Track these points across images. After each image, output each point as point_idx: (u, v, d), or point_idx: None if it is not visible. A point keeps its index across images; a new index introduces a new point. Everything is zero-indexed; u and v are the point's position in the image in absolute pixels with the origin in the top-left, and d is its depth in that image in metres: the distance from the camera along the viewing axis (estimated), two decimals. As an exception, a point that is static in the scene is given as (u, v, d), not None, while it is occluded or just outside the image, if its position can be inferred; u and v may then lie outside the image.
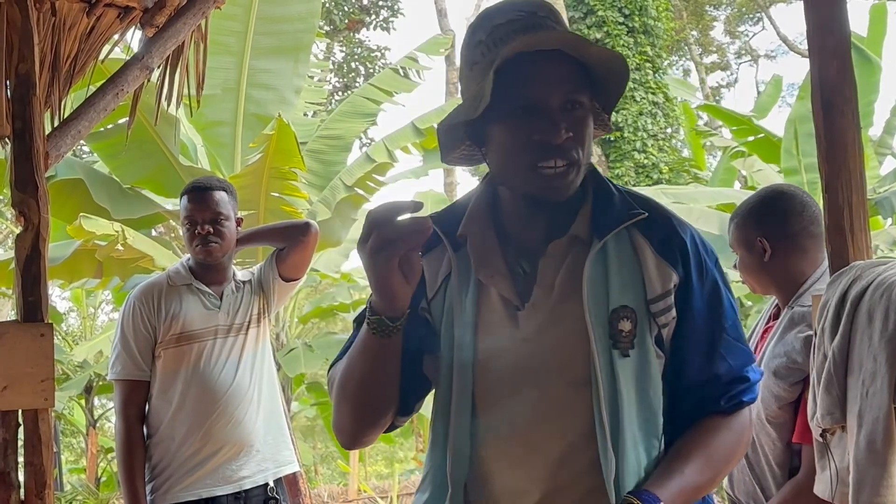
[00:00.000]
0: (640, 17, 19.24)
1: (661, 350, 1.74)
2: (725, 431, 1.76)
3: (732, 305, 1.79)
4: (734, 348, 1.77)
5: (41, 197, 3.31)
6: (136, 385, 3.67)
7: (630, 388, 1.69)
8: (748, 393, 1.78)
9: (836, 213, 2.71)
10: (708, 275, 1.76)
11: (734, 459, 1.80)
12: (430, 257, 1.84)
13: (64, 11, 3.80)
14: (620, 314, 1.70)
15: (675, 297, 1.73)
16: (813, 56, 2.82)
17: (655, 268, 1.73)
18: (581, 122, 1.71)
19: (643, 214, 1.76)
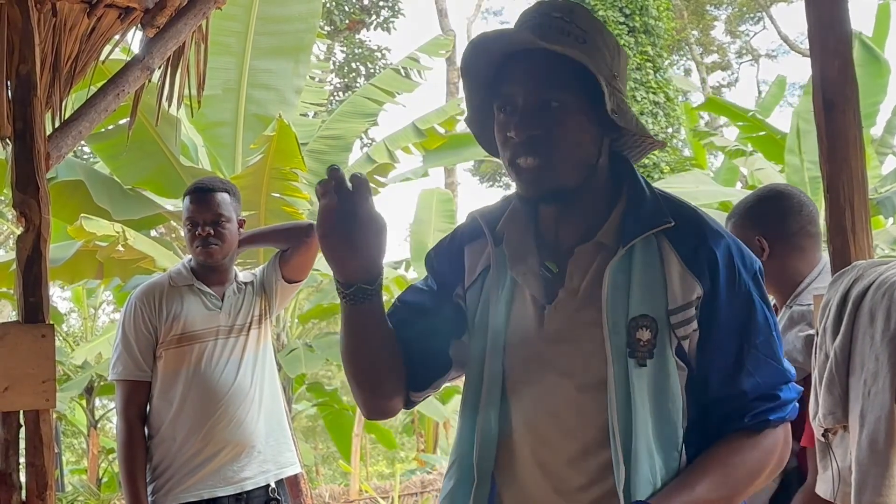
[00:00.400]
0: (640, 17, 19.24)
1: (683, 362, 1.71)
2: (748, 450, 1.71)
3: (768, 320, 1.73)
4: (763, 365, 1.72)
5: (42, 198, 3.31)
6: (137, 385, 3.67)
7: (645, 398, 1.67)
8: (777, 412, 1.72)
9: (837, 213, 2.71)
10: (740, 288, 1.71)
11: (756, 479, 1.74)
12: (472, 248, 1.87)
13: (65, 12, 3.80)
14: (640, 323, 1.68)
15: (699, 309, 1.69)
16: (814, 55, 2.82)
17: (679, 278, 1.70)
18: (554, 121, 1.69)
19: (670, 223, 1.72)
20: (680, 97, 18.69)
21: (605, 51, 1.72)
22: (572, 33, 1.70)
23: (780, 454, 1.76)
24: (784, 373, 1.74)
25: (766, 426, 1.72)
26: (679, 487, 1.66)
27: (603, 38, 1.73)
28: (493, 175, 28.03)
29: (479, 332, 1.83)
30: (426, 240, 13.42)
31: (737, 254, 1.73)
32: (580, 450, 1.72)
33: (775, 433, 1.73)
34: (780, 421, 1.73)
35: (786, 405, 1.73)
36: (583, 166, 1.73)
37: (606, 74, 1.69)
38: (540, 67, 1.70)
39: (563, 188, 1.72)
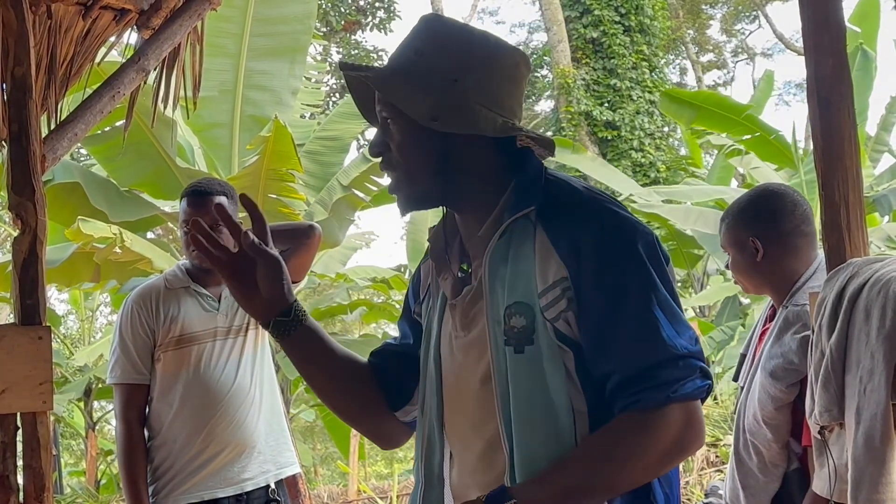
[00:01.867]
0: (636, 16, 19.27)
1: (565, 344, 1.68)
2: (622, 433, 1.65)
3: (645, 300, 1.65)
4: (634, 345, 1.64)
5: (38, 200, 3.31)
6: (135, 388, 3.66)
7: (526, 385, 1.67)
8: (654, 392, 1.62)
9: (832, 211, 2.71)
10: (609, 268, 1.66)
11: (639, 464, 1.65)
12: (425, 264, 1.97)
13: (60, 14, 3.79)
14: (513, 310, 1.69)
15: (569, 289, 1.67)
16: (809, 54, 2.83)
17: (546, 260, 1.69)
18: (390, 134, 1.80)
19: (532, 207, 1.72)
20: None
21: (441, 58, 1.76)
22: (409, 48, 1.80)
23: (676, 438, 1.65)
24: (666, 349, 1.64)
25: (641, 407, 1.63)
26: (542, 474, 1.65)
27: (442, 44, 1.78)
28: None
29: (425, 340, 1.92)
30: (422, 240, 13.42)
31: (610, 230, 1.69)
32: (485, 444, 1.75)
33: (661, 414, 1.63)
34: (662, 401, 1.62)
35: (669, 384, 1.63)
36: (427, 171, 1.78)
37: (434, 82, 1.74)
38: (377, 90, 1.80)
39: (420, 196, 1.81)
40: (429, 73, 1.75)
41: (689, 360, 1.65)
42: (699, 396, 1.67)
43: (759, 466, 2.78)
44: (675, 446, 1.66)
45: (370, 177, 9.95)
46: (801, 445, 2.71)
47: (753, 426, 2.77)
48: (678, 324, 1.67)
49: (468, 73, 1.75)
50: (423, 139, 1.76)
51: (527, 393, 1.67)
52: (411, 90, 1.74)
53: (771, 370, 2.71)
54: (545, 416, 1.66)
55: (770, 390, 2.70)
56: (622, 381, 1.64)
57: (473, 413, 1.77)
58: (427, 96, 1.73)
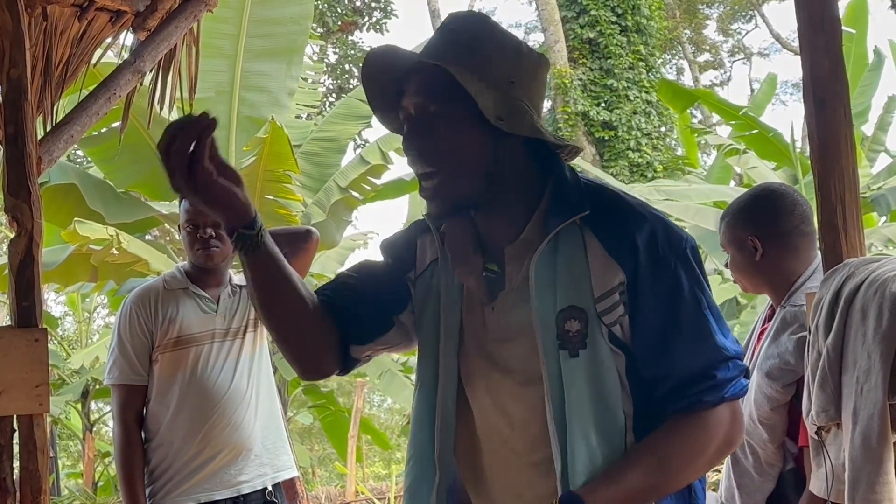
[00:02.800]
0: (632, 16, 19.27)
1: (618, 347, 1.71)
2: (683, 433, 1.71)
3: (698, 301, 1.72)
4: (692, 346, 1.70)
5: (34, 202, 3.31)
6: (133, 390, 3.66)
7: (581, 388, 1.69)
8: (712, 392, 1.70)
9: (829, 211, 2.71)
10: (665, 271, 1.71)
11: (698, 462, 1.72)
12: (423, 240, 1.93)
13: (55, 16, 3.79)
14: (568, 314, 1.70)
15: (624, 294, 1.70)
16: (804, 54, 2.83)
17: (602, 265, 1.71)
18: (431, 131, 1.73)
19: (586, 211, 1.73)
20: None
21: (498, 57, 1.73)
22: (461, 44, 1.74)
23: (726, 435, 1.73)
24: (719, 351, 1.71)
25: (700, 407, 1.70)
26: (607, 476, 1.67)
27: (498, 44, 1.75)
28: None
29: (428, 324, 1.88)
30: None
31: (661, 235, 1.72)
32: (528, 444, 1.76)
33: (715, 414, 1.71)
34: (717, 401, 1.70)
35: (723, 384, 1.70)
36: (477, 174, 1.74)
37: (494, 81, 1.71)
38: (424, 80, 1.74)
39: (464, 201, 1.77)
40: (489, 70, 1.72)
41: (737, 360, 1.73)
42: (743, 395, 1.76)
43: (754, 466, 2.78)
44: (724, 443, 1.74)
45: (367, 178, 9.96)
46: (796, 445, 2.71)
47: (749, 426, 2.77)
48: (723, 325, 1.74)
49: (522, 77, 1.75)
50: (478, 138, 1.73)
51: (583, 396, 1.69)
52: (479, 84, 1.70)
53: (767, 370, 2.71)
54: (602, 419, 1.69)
55: (766, 390, 2.70)
56: (681, 382, 1.70)
57: (515, 414, 1.78)
58: (490, 93, 1.70)
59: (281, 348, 1.85)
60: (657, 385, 1.71)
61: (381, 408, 26.18)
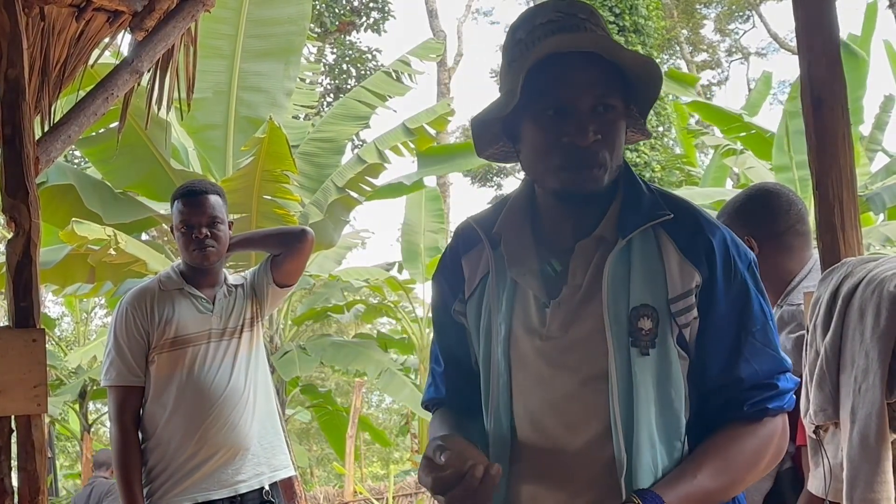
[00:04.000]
0: (630, 16, 19.27)
1: (684, 351, 1.73)
2: (748, 438, 1.73)
3: (764, 310, 1.75)
4: (760, 353, 1.74)
5: (32, 202, 3.31)
6: (130, 391, 3.65)
7: (649, 388, 1.69)
8: (775, 400, 1.73)
9: (826, 210, 2.71)
10: (736, 277, 1.73)
11: (756, 468, 1.75)
12: (468, 257, 1.91)
13: (53, 16, 3.79)
14: (641, 312, 1.70)
15: (697, 297, 1.72)
16: (802, 53, 2.83)
17: (678, 267, 1.72)
18: (611, 125, 1.72)
19: (669, 215, 1.74)
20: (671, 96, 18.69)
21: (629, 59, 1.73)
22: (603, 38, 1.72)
23: (778, 444, 1.77)
24: (781, 362, 1.75)
25: (765, 415, 1.73)
26: (680, 476, 1.68)
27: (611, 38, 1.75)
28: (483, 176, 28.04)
29: (483, 336, 1.85)
30: (417, 240, 13.42)
31: (732, 244, 1.75)
32: (585, 444, 1.74)
33: (774, 422, 1.74)
34: (778, 410, 1.74)
35: (783, 394, 1.74)
36: (614, 168, 1.75)
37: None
38: (597, 71, 1.71)
39: (602, 188, 1.75)
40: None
41: (791, 373, 1.78)
42: (792, 408, 1.78)
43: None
44: (776, 452, 1.78)
45: (365, 178, 9.96)
46: (794, 445, 2.71)
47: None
48: (777, 339, 1.78)
49: None
50: (632, 135, 1.82)
51: (650, 395, 1.70)
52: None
53: (765, 370, 2.71)
54: (668, 418, 1.71)
55: (764, 390, 2.70)
56: (746, 388, 1.72)
57: (572, 414, 1.75)
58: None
59: None
60: (722, 390, 1.73)
61: (379, 407, 26.18)
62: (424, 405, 2.05)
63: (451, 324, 1.94)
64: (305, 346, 11.61)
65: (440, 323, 1.98)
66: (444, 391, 1.99)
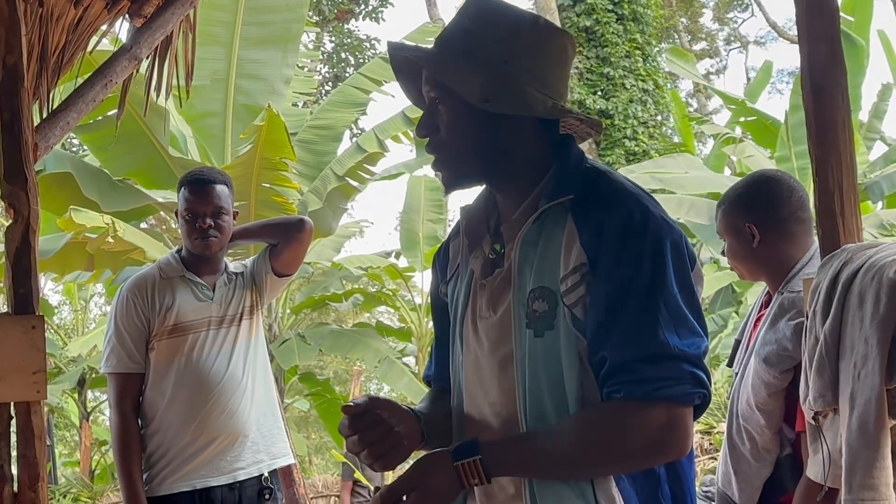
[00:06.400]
0: (629, 5, 19.24)
1: (579, 331, 1.69)
2: (601, 421, 1.67)
3: (653, 294, 1.65)
4: (629, 335, 1.64)
5: (31, 189, 3.30)
6: (130, 378, 3.66)
7: (542, 369, 1.71)
8: (633, 386, 1.63)
9: (826, 197, 2.71)
10: (627, 257, 1.66)
11: (609, 454, 1.68)
12: (454, 243, 1.99)
13: (51, 2, 3.78)
14: (537, 294, 1.72)
15: (586, 276, 1.68)
16: (802, 40, 2.82)
17: (570, 246, 1.71)
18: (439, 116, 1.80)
19: (570, 196, 1.73)
20: (669, 84, 18.69)
21: (491, 39, 1.77)
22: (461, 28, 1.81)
23: (655, 439, 1.66)
24: (659, 346, 1.64)
25: (626, 398, 1.64)
26: (515, 438, 1.72)
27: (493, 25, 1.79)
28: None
29: (452, 317, 1.95)
30: (416, 228, 13.41)
31: (638, 222, 1.68)
32: (502, 423, 1.78)
33: (643, 411, 1.64)
34: (639, 396, 1.63)
35: (650, 381, 1.63)
36: (474, 152, 1.80)
37: (485, 62, 1.75)
38: (429, 70, 1.81)
39: (463, 176, 1.83)
40: (479, 53, 1.76)
41: (681, 363, 1.64)
42: (688, 403, 1.66)
43: (751, 452, 2.78)
44: (651, 446, 1.67)
45: (364, 165, 9.95)
46: (794, 431, 2.72)
47: (746, 412, 2.77)
48: (682, 328, 1.66)
49: (518, 55, 1.77)
50: (473, 120, 1.77)
51: (541, 377, 1.71)
52: (463, 70, 1.75)
53: (765, 356, 2.71)
54: (557, 402, 1.70)
55: (763, 376, 2.71)
56: (611, 369, 1.66)
57: (492, 394, 1.80)
58: (478, 77, 1.74)
59: None
60: (596, 370, 1.68)
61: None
62: (424, 379, 2.14)
63: (440, 306, 2.03)
64: (304, 335, 11.62)
65: (433, 305, 2.07)
66: (433, 368, 2.09)
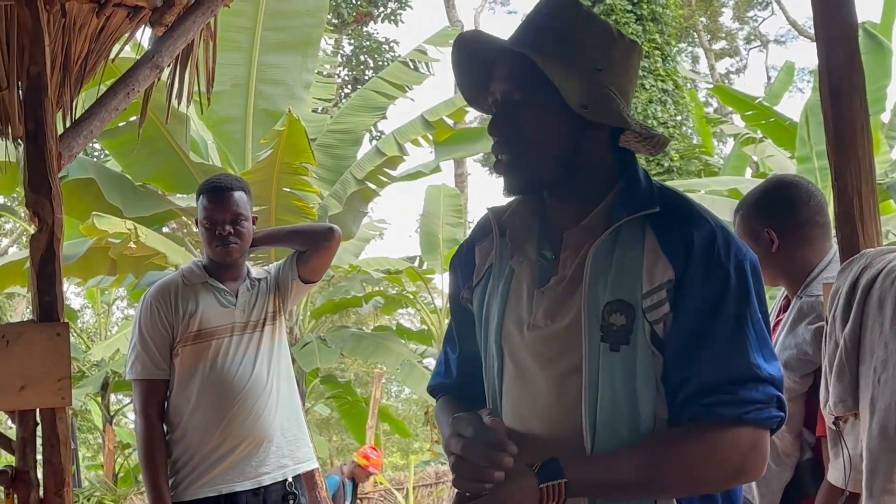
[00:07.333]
0: (648, 5, 19.18)
1: (658, 347, 1.67)
2: (690, 441, 1.65)
3: (745, 315, 1.66)
4: (724, 356, 1.64)
5: (55, 197, 3.33)
6: (155, 384, 3.68)
7: (617, 384, 1.66)
8: (731, 407, 1.62)
9: (845, 201, 2.71)
10: (715, 274, 1.66)
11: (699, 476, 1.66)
12: (481, 246, 1.94)
13: (74, 12, 3.82)
14: (614, 307, 1.67)
15: (671, 292, 1.66)
16: (820, 44, 2.83)
17: (654, 261, 1.67)
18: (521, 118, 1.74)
19: (655, 209, 1.71)
20: (688, 84, 18.62)
21: (587, 45, 1.73)
22: (551, 30, 1.74)
23: (740, 461, 1.66)
24: (750, 369, 1.64)
25: (717, 420, 1.63)
26: (598, 459, 1.65)
27: (588, 31, 1.74)
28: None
29: (483, 324, 1.88)
30: (436, 231, 13.43)
31: (721, 241, 1.68)
32: (558, 438, 1.72)
33: (731, 432, 1.64)
34: (733, 418, 1.63)
35: (744, 403, 1.63)
36: (556, 159, 1.74)
37: (581, 68, 1.71)
38: (510, 68, 1.75)
39: (537, 181, 1.77)
40: (577, 58, 1.71)
41: (769, 386, 1.65)
42: (771, 426, 1.67)
43: (771, 456, 2.77)
44: (735, 468, 1.67)
45: (384, 169, 9.98)
46: (814, 436, 2.72)
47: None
48: (766, 349, 1.67)
49: (610, 64, 1.74)
50: (562, 125, 1.73)
51: (616, 393, 1.66)
52: (564, 72, 1.69)
53: (785, 361, 2.71)
54: (629, 418, 1.66)
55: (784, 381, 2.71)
56: (700, 390, 1.64)
57: (547, 405, 1.74)
58: (576, 81, 1.69)
59: None
60: (681, 388, 1.66)
61: (398, 398, 26.20)
62: (430, 390, 2.06)
63: (461, 311, 1.97)
64: (325, 338, 11.65)
65: (453, 310, 2.01)
66: (454, 376, 2.01)
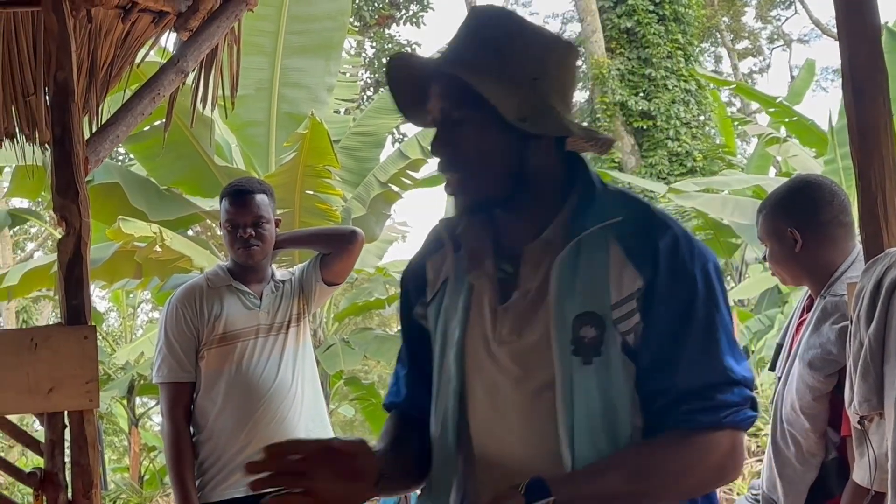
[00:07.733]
0: (670, 5, 19.14)
1: (630, 357, 1.65)
2: (672, 449, 1.64)
3: (713, 318, 1.65)
4: (698, 362, 1.63)
5: (82, 202, 3.37)
6: (181, 387, 3.71)
7: (593, 397, 1.63)
8: (710, 413, 1.62)
9: (869, 200, 2.71)
10: (682, 282, 1.65)
11: (681, 481, 1.66)
12: (433, 261, 1.87)
13: (100, 18, 3.85)
14: (584, 320, 1.64)
15: (640, 301, 1.64)
16: (843, 43, 2.82)
17: (621, 272, 1.65)
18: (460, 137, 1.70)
19: (616, 218, 1.67)
20: (711, 84, 18.55)
21: (520, 55, 1.69)
22: (482, 43, 1.70)
23: (719, 464, 1.66)
24: (724, 373, 1.64)
25: (697, 427, 1.63)
26: (583, 474, 1.62)
27: (520, 41, 1.70)
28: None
29: (440, 341, 1.82)
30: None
31: (685, 246, 1.66)
32: (534, 454, 1.69)
33: (711, 437, 1.64)
34: (714, 423, 1.63)
35: (722, 408, 1.63)
36: (503, 175, 1.70)
37: (517, 80, 1.67)
38: (445, 88, 1.70)
39: (488, 200, 1.72)
40: (511, 70, 1.67)
41: (743, 388, 1.65)
42: (747, 427, 1.67)
43: (796, 456, 2.78)
44: (716, 472, 1.67)
45: (407, 172, 10.00)
46: (839, 435, 2.71)
47: (791, 416, 2.77)
48: (736, 350, 1.67)
49: (547, 73, 1.70)
50: (503, 140, 1.68)
51: (592, 405, 1.64)
52: (499, 87, 1.64)
53: (809, 360, 2.71)
54: (608, 429, 1.64)
55: (808, 380, 2.70)
56: (677, 397, 1.63)
57: (522, 422, 1.70)
58: (512, 95, 1.65)
59: None
60: (656, 396, 1.64)
61: (422, 400, 26.18)
62: (384, 407, 2.00)
63: (413, 328, 1.90)
64: (349, 340, 11.66)
65: (404, 327, 1.94)
66: (403, 395, 1.94)
